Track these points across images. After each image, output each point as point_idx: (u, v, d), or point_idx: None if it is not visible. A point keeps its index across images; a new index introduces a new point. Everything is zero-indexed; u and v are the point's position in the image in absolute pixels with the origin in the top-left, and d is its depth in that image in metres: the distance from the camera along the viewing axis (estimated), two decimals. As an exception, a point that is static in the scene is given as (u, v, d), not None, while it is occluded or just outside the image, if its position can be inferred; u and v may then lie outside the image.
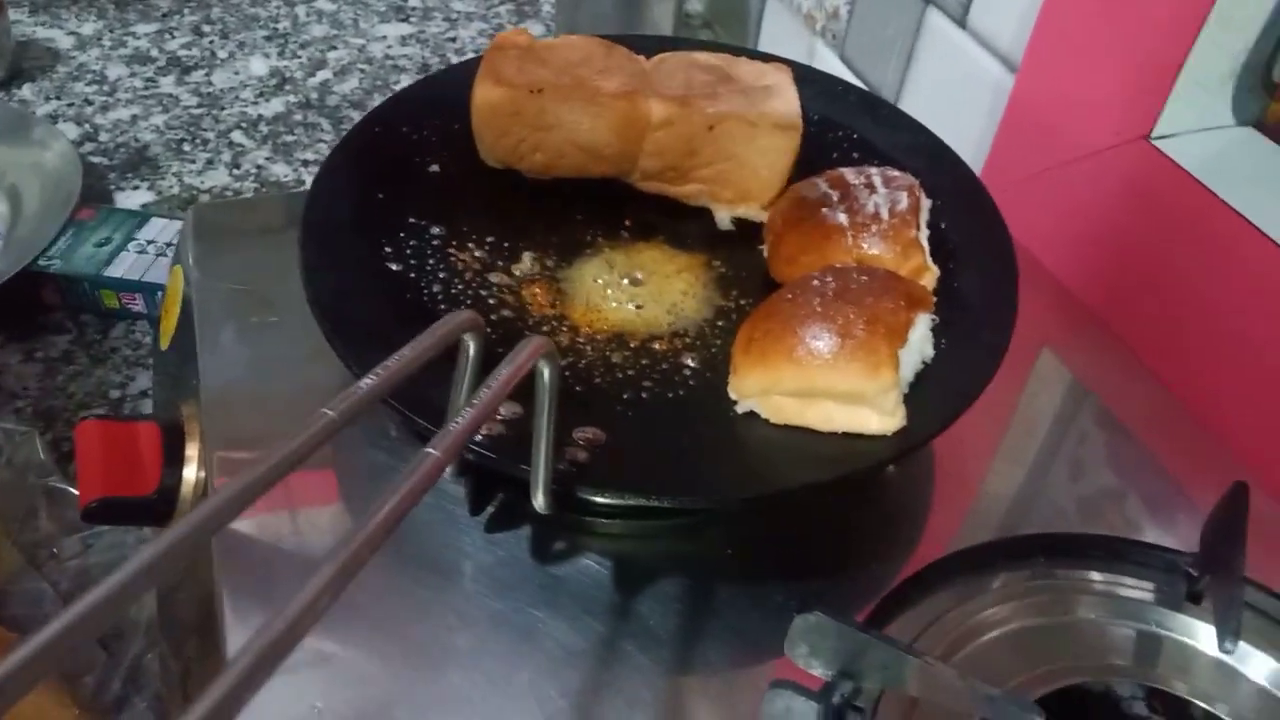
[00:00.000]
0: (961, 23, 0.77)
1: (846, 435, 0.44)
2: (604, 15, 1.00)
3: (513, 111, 0.54)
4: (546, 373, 0.36)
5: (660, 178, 0.57)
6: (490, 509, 0.47)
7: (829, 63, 0.97)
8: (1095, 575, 0.47)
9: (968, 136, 0.77)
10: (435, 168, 0.57)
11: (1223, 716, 0.42)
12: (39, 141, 0.86)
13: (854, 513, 0.50)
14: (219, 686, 0.20)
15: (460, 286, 0.51)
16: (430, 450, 0.27)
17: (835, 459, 0.43)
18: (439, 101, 0.59)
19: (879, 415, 0.44)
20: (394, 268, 0.51)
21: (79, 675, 0.53)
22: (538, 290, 0.52)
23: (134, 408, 0.68)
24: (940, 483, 0.53)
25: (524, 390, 0.36)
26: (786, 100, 0.56)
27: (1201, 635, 0.45)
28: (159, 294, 0.72)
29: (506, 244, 0.54)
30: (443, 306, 0.50)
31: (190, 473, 0.49)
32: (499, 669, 0.42)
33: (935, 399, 0.46)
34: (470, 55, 1.08)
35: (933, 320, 0.48)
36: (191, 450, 0.50)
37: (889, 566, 0.47)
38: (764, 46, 1.09)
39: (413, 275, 0.51)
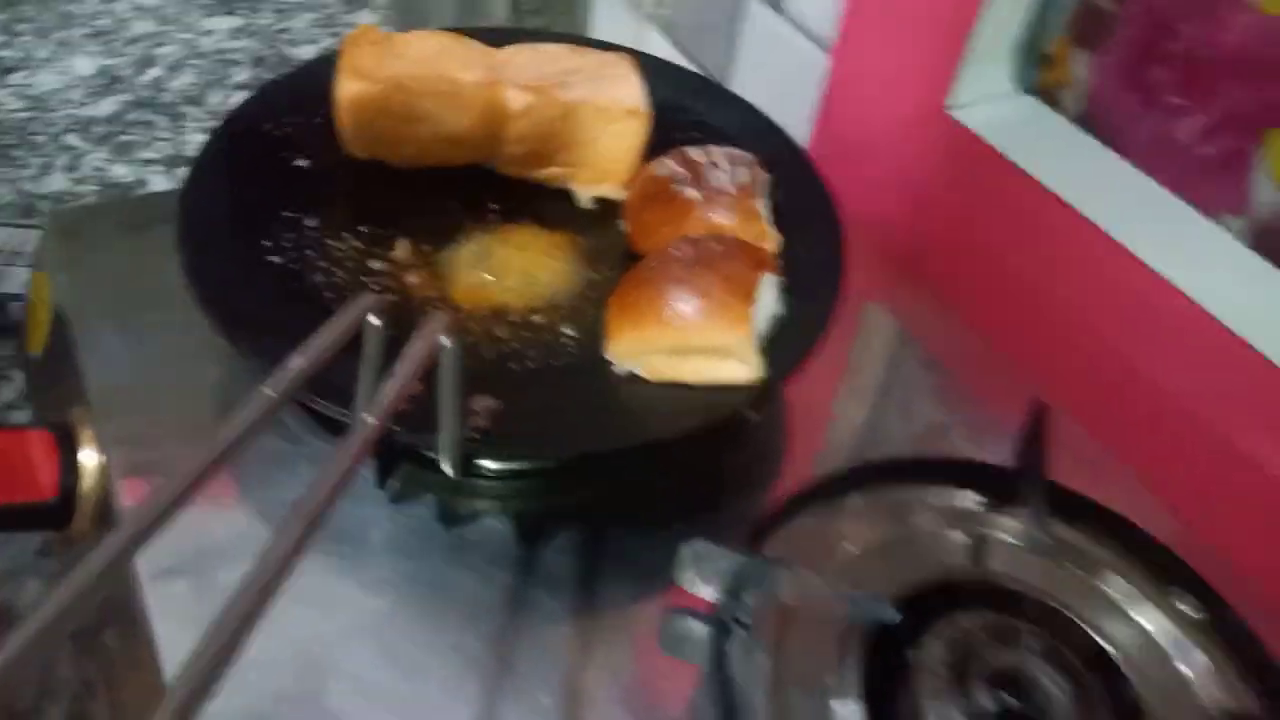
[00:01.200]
0: (777, 7, 0.84)
1: (716, 386, 0.50)
2: (442, 2, 1.02)
3: (378, 107, 0.57)
4: (451, 347, 0.40)
5: (522, 162, 0.61)
6: (393, 483, 0.50)
7: (659, 46, 1.02)
8: (930, 492, 0.55)
9: (797, 113, 0.84)
10: (302, 162, 0.59)
11: (1049, 602, 0.50)
12: None
13: (725, 458, 0.56)
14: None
15: (341, 275, 0.54)
16: (364, 416, 0.31)
17: (708, 406, 0.49)
18: (298, 97, 0.61)
19: (741, 365, 0.50)
20: (275, 260, 0.53)
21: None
22: (415, 274, 0.55)
23: (2, 419, 0.67)
24: (795, 428, 0.60)
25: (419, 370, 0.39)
26: (632, 86, 0.61)
27: (1018, 532, 0.53)
28: (11, 304, 0.71)
29: (381, 231, 0.57)
30: (328, 295, 0.52)
31: (90, 475, 0.50)
32: (418, 626, 0.45)
33: (786, 349, 0.52)
34: (305, 46, 1.08)
35: (779, 280, 0.54)
36: (87, 452, 0.51)
37: (758, 500, 0.53)
38: (596, 33, 1.13)
39: (294, 266, 0.53)
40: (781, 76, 0.86)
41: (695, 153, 0.58)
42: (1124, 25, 0.67)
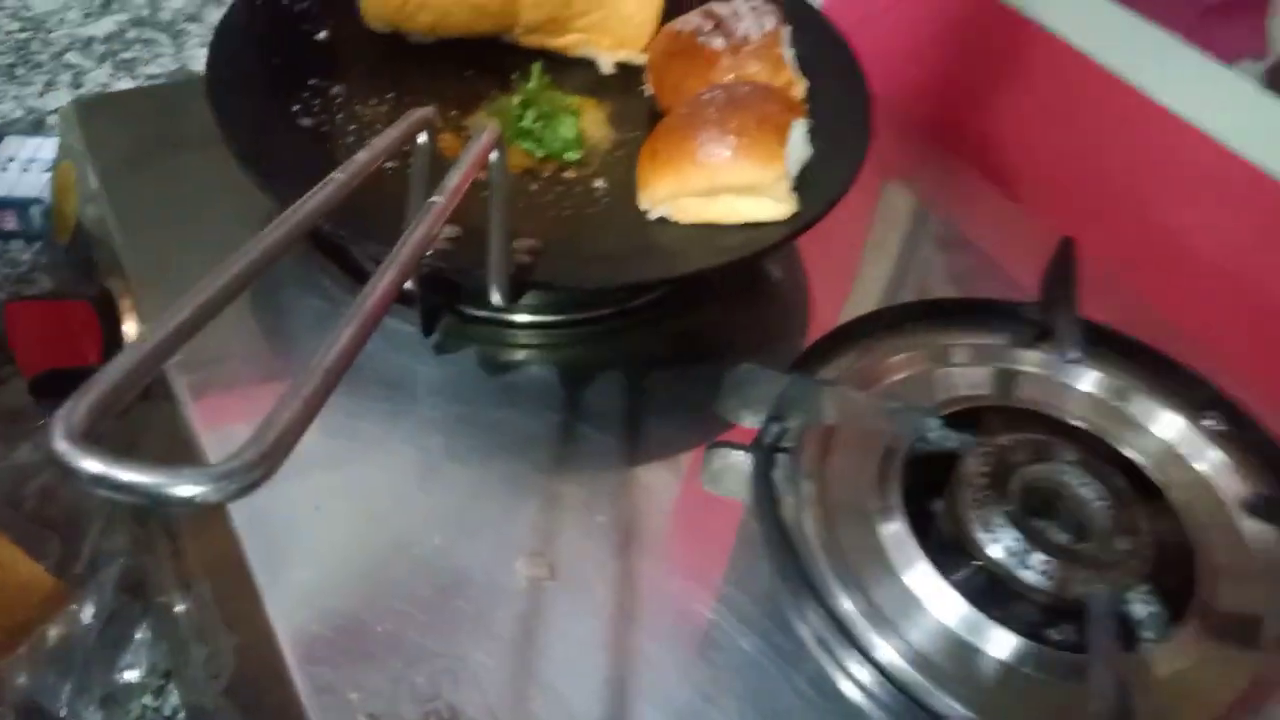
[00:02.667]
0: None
1: (748, 225, 0.50)
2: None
3: (399, -28, 0.56)
4: (496, 152, 0.40)
5: (541, 30, 0.61)
6: (442, 327, 0.51)
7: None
8: (965, 331, 0.56)
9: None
10: (323, 34, 0.59)
11: (1069, 420, 0.51)
12: None
13: (756, 309, 0.56)
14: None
15: (371, 136, 0.54)
16: (436, 200, 0.31)
17: (742, 244, 0.49)
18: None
19: (774, 202, 0.50)
20: (306, 123, 0.53)
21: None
22: (446, 137, 0.55)
23: (29, 318, 0.67)
24: (819, 280, 0.60)
25: (459, 213, 0.39)
26: (651, -52, 0.60)
27: (1048, 363, 0.54)
28: (32, 207, 0.71)
29: (408, 98, 0.57)
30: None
31: (131, 337, 0.51)
32: (473, 459, 0.46)
33: (817, 189, 0.52)
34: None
35: (808, 123, 0.54)
36: (128, 318, 0.51)
37: (794, 344, 0.54)
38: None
39: (325, 129, 0.53)
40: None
41: (719, 6, 0.58)
42: None
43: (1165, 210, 0.62)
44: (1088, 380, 0.54)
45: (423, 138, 0.39)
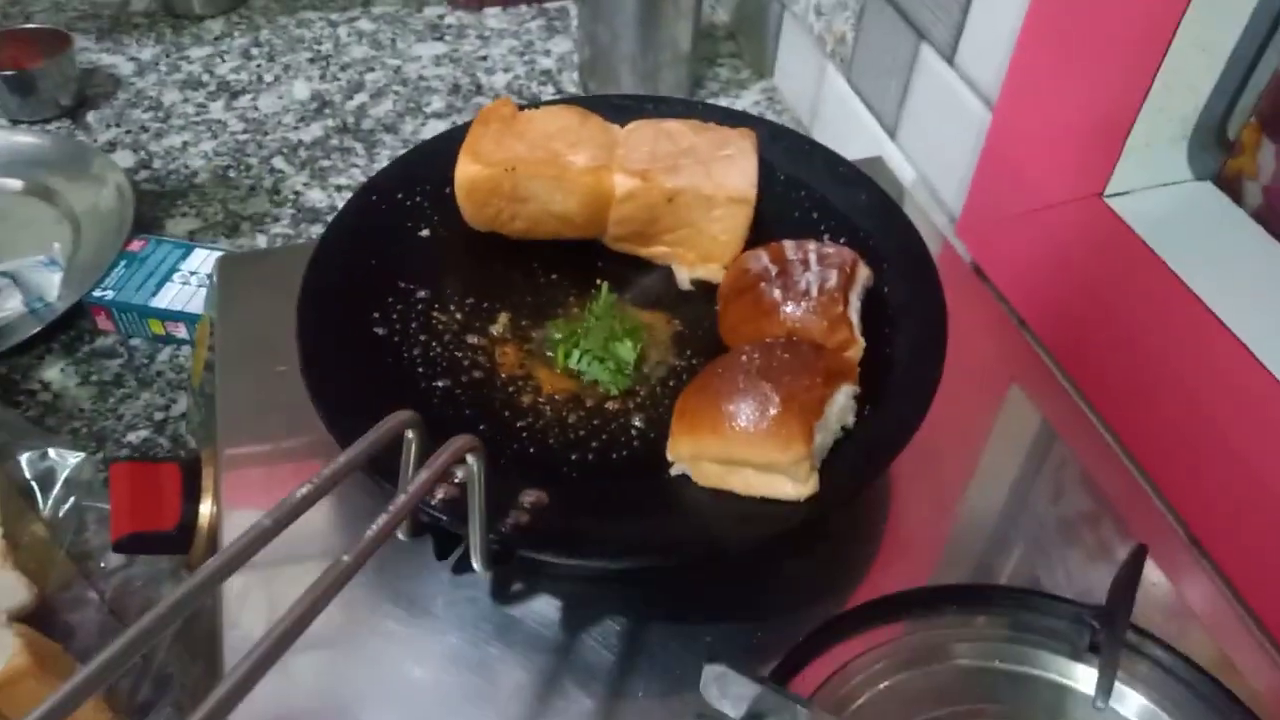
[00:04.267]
0: (950, 59, 0.80)
1: (765, 500, 0.49)
2: (624, 30, 1.04)
3: (490, 188, 0.59)
4: (475, 465, 0.42)
5: (629, 240, 0.62)
6: (456, 554, 0.53)
7: (836, 84, 1.00)
8: (998, 626, 0.52)
9: (954, 173, 0.80)
10: (425, 232, 0.63)
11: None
12: (97, 175, 0.95)
13: (787, 560, 0.55)
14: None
15: (438, 349, 0.57)
16: (344, 559, 0.34)
17: (753, 520, 0.49)
18: (430, 167, 0.65)
19: (793, 483, 0.49)
20: (380, 332, 0.57)
21: (115, 680, 0.61)
22: (509, 350, 0.58)
23: (175, 429, 0.76)
24: (906, 523, 0.57)
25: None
26: (743, 171, 0.60)
27: (1082, 679, 0.50)
28: (196, 323, 0.80)
29: (485, 305, 0.60)
30: (420, 369, 0.56)
31: (205, 509, 0.57)
32: (454, 701, 0.48)
33: (851, 466, 0.50)
34: (500, 74, 1.14)
35: (855, 391, 0.52)
36: (207, 488, 0.57)
37: (811, 612, 0.52)
38: (781, 61, 1.12)
39: (396, 339, 0.57)
40: (945, 131, 0.82)
41: (791, 249, 0.57)
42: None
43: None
44: (1138, 713, 0.49)
45: (412, 433, 0.41)
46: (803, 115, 1.10)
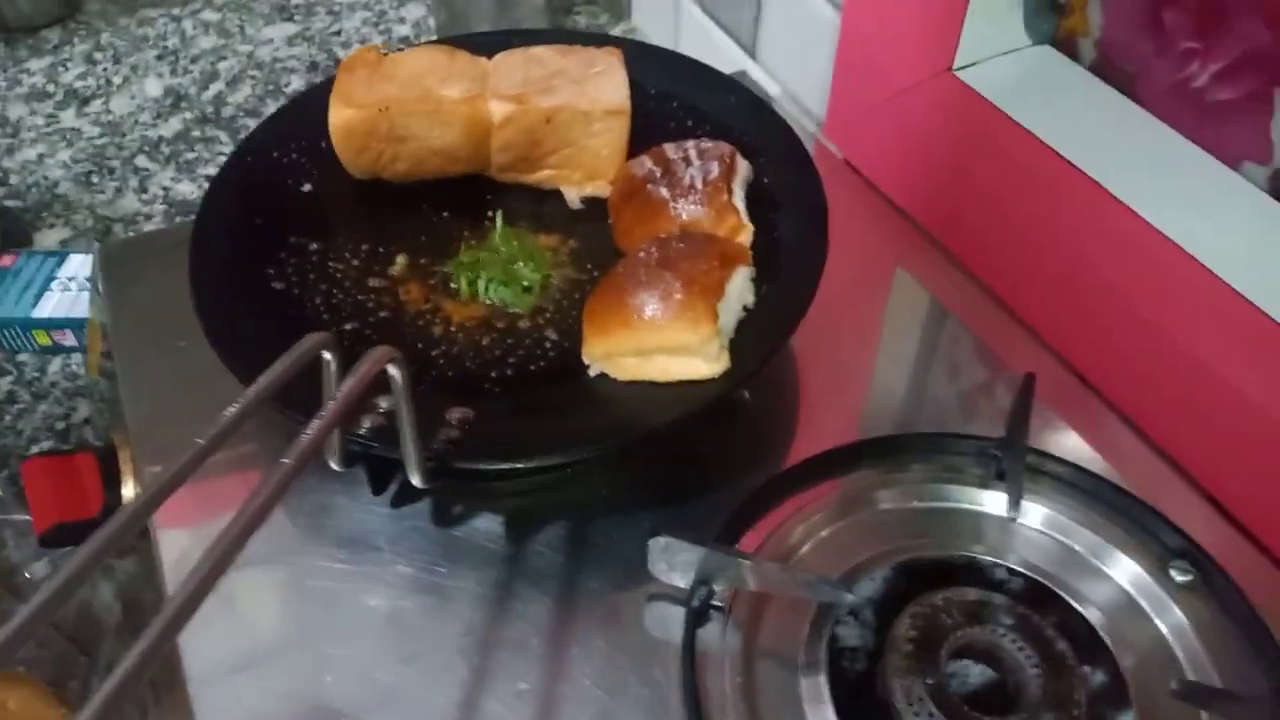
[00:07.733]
0: (795, -34, 0.83)
1: (683, 383, 0.51)
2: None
3: (367, 130, 0.60)
4: (398, 375, 0.42)
5: (514, 169, 0.63)
6: (392, 488, 0.54)
7: (693, 14, 1.02)
8: (915, 469, 0.55)
9: (815, 79, 0.83)
10: (307, 186, 0.63)
11: (1028, 574, 0.50)
12: (-49, 196, 0.91)
13: (728, 435, 0.57)
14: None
15: (340, 295, 0.57)
16: (284, 460, 0.34)
17: (674, 403, 0.51)
18: (302, 123, 0.64)
19: (706, 362, 0.51)
20: (278, 287, 0.57)
21: (65, 680, 0.60)
22: (412, 288, 0.58)
23: (79, 435, 0.74)
24: (810, 397, 0.60)
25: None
26: (615, 85, 0.62)
27: (1000, 505, 0.53)
28: (85, 327, 0.78)
29: (380, 249, 0.60)
30: (324, 316, 0.56)
31: (128, 491, 0.56)
32: (413, 623, 0.49)
33: (756, 341, 0.53)
34: (356, 46, 1.12)
35: (751, 272, 0.55)
36: (126, 471, 0.57)
37: (741, 485, 0.54)
38: (637, 7, 1.14)
39: (296, 292, 0.57)
40: (802, 39, 0.85)
41: (671, 149, 0.59)
42: (1128, -32, 0.64)
43: (1168, 330, 0.60)
44: (1044, 522, 0.53)
45: (329, 354, 0.42)
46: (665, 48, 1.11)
